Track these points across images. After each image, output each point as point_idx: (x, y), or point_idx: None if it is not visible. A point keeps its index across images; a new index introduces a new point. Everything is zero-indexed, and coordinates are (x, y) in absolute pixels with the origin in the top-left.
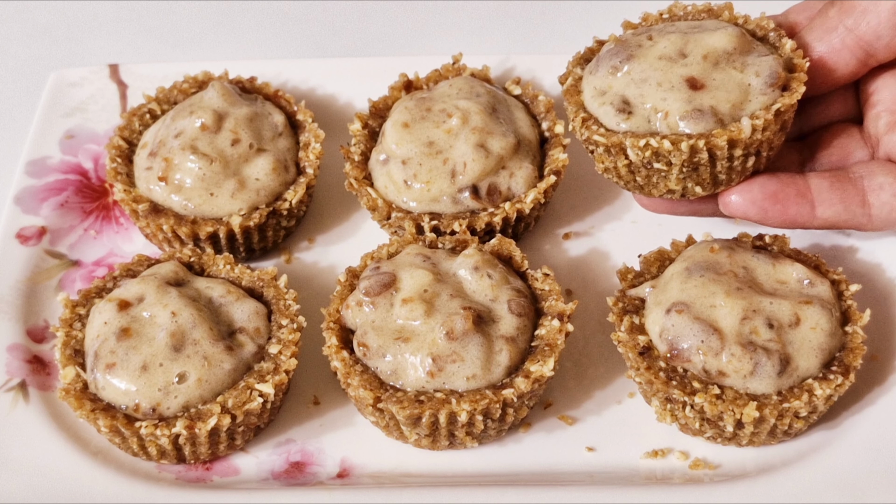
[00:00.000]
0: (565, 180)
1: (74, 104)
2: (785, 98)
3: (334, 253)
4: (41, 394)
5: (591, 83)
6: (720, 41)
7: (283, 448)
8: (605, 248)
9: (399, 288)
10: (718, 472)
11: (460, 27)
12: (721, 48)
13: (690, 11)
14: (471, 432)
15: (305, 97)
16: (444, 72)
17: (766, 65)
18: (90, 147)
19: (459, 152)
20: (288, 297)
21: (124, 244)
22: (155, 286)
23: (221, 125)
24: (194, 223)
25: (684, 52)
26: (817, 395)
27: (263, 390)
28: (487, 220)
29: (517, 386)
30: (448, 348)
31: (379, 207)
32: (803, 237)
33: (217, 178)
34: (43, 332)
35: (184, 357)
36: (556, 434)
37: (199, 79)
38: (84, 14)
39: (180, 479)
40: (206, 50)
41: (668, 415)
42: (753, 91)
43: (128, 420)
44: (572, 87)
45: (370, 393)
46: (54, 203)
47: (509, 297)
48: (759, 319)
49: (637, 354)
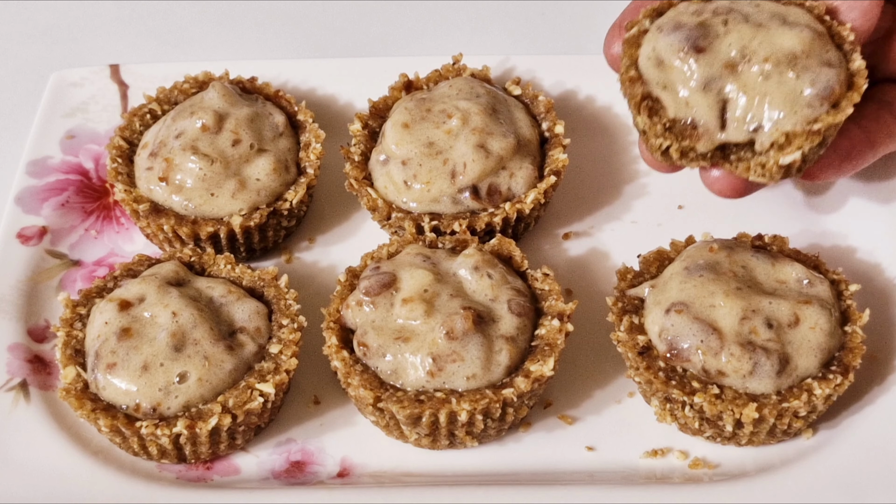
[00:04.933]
0: (565, 180)
1: (75, 104)
2: (828, 117)
3: (334, 253)
4: (42, 393)
5: (652, 45)
6: (790, 41)
7: (283, 447)
8: (605, 248)
9: (399, 288)
10: (718, 471)
11: (460, 27)
12: (788, 49)
13: None
14: (471, 432)
15: (306, 97)
16: (444, 72)
17: (824, 77)
18: (91, 147)
19: (459, 153)
20: (288, 296)
21: (125, 244)
22: (156, 286)
23: (222, 125)
24: (195, 223)
25: (747, 50)
26: (816, 395)
27: (264, 390)
28: (487, 220)
29: (517, 385)
30: (448, 348)
31: (379, 208)
32: (803, 237)
33: (218, 178)
34: (44, 331)
35: (184, 357)
36: (556, 434)
37: (199, 79)
38: (85, 14)
39: (181, 478)
40: (207, 50)
41: (668, 414)
42: (801, 102)
43: (128, 420)
44: (633, 38)
45: (370, 393)
46: (55, 203)
47: (509, 297)
48: (758, 319)
49: (636, 354)
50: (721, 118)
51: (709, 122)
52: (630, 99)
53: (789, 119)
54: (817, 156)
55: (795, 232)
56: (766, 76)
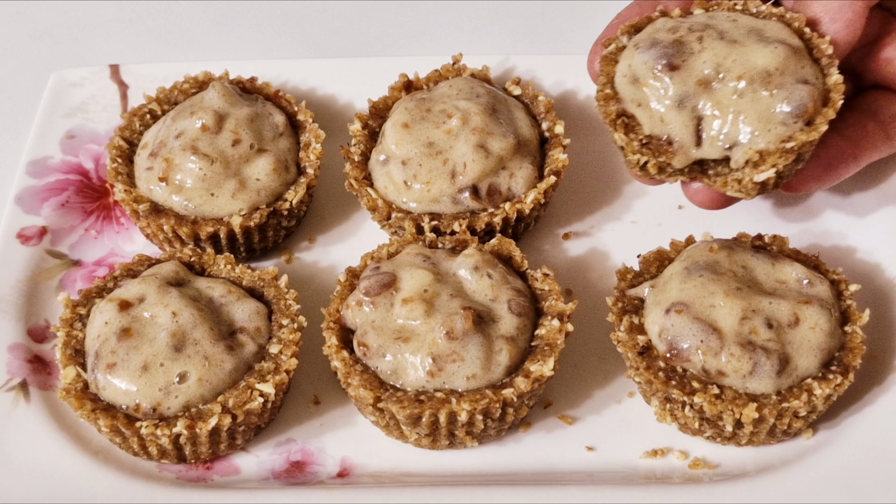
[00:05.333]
0: (565, 180)
1: (75, 104)
2: (802, 134)
3: (334, 253)
4: (42, 393)
5: (628, 61)
6: (763, 59)
7: (283, 447)
8: (605, 248)
9: (399, 288)
10: (718, 471)
11: (460, 27)
12: (762, 66)
13: (763, 11)
14: (471, 432)
15: (306, 97)
16: (444, 72)
17: (798, 94)
18: (91, 147)
19: (459, 153)
20: (288, 296)
21: (125, 244)
22: (156, 286)
23: (222, 125)
24: (195, 223)
25: (721, 68)
26: (816, 395)
27: (264, 390)
28: (487, 220)
29: (517, 385)
30: (448, 348)
31: (379, 208)
32: (803, 237)
33: (218, 178)
34: (44, 331)
35: (184, 357)
36: (556, 434)
37: (199, 79)
38: (85, 14)
39: (181, 478)
40: (207, 50)
41: (668, 414)
42: (774, 120)
43: (128, 420)
44: (611, 55)
45: (370, 393)
46: (55, 203)
47: (509, 297)
48: (758, 319)
49: (636, 354)
50: (697, 135)
51: (684, 139)
52: (605, 117)
53: (763, 137)
54: (794, 171)
55: (795, 232)
56: (740, 94)
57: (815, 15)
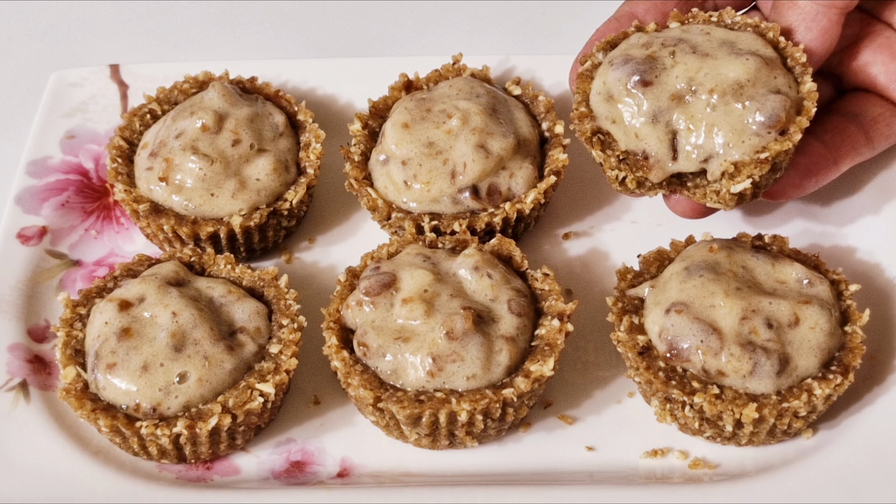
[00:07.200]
0: (565, 180)
1: (75, 104)
2: (776, 144)
3: (334, 253)
4: (42, 393)
5: (603, 79)
6: (735, 71)
7: (283, 447)
8: (605, 248)
9: (399, 288)
10: (718, 471)
11: (460, 27)
12: (734, 78)
13: (738, 22)
14: (471, 432)
15: (306, 97)
16: (444, 72)
17: (770, 105)
18: (91, 147)
19: (459, 153)
20: (288, 296)
21: (125, 244)
22: (156, 286)
23: (222, 125)
24: (195, 223)
25: (693, 82)
26: (816, 395)
27: (264, 390)
28: (487, 220)
29: (517, 386)
30: (448, 348)
31: (379, 208)
32: (803, 237)
33: (218, 178)
34: (44, 331)
35: (184, 357)
36: (556, 434)
37: (199, 79)
38: (85, 14)
39: (181, 478)
40: (207, 50)
41: (668, 414)
42: (748, 131)
43: (128, 420)
44: (587, 72)
45: (370, 393)
46: (55, 203)
47: (509, 297)
48: (758, 319)
49: (636, 354)
50: (672, 149)
51: (660, 154)
52: (580, 135)
53: (737, 148)
54: (772, 180)
55: (795, 232)
56: (713, 107)
57: (790, 24)
